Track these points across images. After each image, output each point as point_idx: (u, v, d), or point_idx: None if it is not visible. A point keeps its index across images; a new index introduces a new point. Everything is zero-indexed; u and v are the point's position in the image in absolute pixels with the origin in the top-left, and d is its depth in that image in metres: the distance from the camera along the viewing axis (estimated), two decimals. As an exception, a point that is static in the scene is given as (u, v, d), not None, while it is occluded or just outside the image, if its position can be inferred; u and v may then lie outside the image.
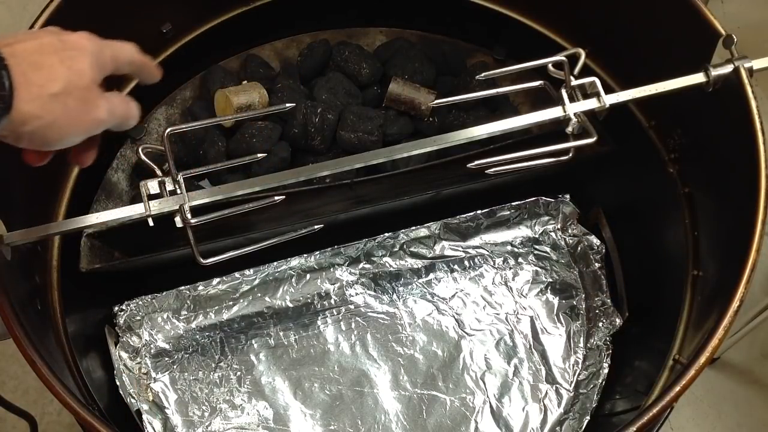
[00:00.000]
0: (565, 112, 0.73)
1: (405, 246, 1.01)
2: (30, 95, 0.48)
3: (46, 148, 0.53)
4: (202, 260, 0.66)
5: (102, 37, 0.56)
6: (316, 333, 0.97)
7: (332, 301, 0.99)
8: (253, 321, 0.97)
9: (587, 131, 0.72)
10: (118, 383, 0.88)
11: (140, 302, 0.94)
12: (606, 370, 0.94)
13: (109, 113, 0.54)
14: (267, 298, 0.98)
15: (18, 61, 0.48)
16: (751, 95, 0.74)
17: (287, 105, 0.72)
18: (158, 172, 0.68)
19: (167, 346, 0.95)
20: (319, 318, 0.98)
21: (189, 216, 0.67)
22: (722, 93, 0.76)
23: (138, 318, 0.95)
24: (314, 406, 0.92)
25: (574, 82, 0.73)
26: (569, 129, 0.73)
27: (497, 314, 0.99)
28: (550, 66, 0.74)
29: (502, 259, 1.03)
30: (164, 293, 0.96)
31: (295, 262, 0.99)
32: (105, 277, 0.91)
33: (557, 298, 1.00)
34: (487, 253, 1.03)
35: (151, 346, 0.94)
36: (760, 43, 0.94)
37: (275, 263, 0.98)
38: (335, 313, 0.98)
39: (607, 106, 0.73)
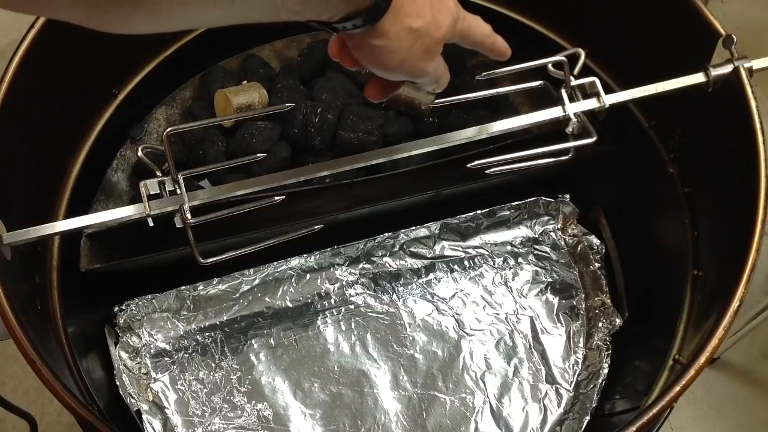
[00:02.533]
0: (565, 112, 0.73)
1: (405, 246, 1.01)
2: (396, 18, 0.50)
3: (370, 67, 0.55)
4: (202, 260, 0.66)
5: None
6: (316, 333, 0.97)
7: (332, 301, 0.99)
8: (253, 321, 0.97)
9: (587, 131, 0.72)
10: (118, 383, 0.88)
11: (140, 302, 0.95)
12: (606, 370, 0.94)
13: (434, 70, 0.57)
14: (267, 298, 0.98)
15: None
16: (751, 95, 0.74)
17: (287, 105, 0.72)
18: (158, 172, 0.68)
19: (167, 346, 0.95)
20: (319, 318, 0.98)
21: (189, 216, 0.66)
22: (722, 93, 0.76)
23: (138, 318, 0.95)
24: (314, 406, 0.92)
25: (574, 82, 0.73)
26: (569, 129, 0.73)
27: (497, 314, 0.99)
28: (550, 66, 0.74)
29: (502, 259, 1.03)
30: (164, 293, 0.96)
31: (295, 262, 0.99)
32: (105, 277, 0.91)
33: (557, 298, 1.00)
34: (487, 253, 1.03)
35: (151, 346, 0.94)
36: (760, 43, 0.94)
37: (275, 263, 0.98)
38: (335, 313, 0.98)
39: (607, 106, 0.73)
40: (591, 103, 0.73)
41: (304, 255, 0.99)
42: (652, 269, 0.96)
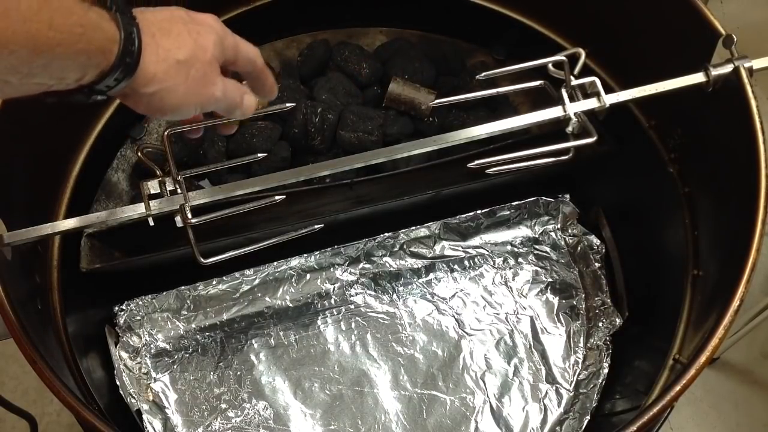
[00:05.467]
0: (565, 111, 0.73)
1: (405, 246, 1.01)
2: (157, 57, 0.49)
3: (160, 115, 0.54)
4: (202, 260, 0.66)
5: None
6: (316, 333, 0.97)
7: (332, 301, 0.99)
8: (253, 321, 0.97)
9: (587, 131, 0.72)
10: (118, 383, 0.88)
11: (140, 302, 0.95)
12: (606, 370, 0.94)
13: (223, 93, 0.55)
14: (267, 298, 0.98)
15: (148, 24, 0.49)
16: (751, 95, 0.74)
17: (287, 105, 0.72)
18: (158, 172, 0.68)
19: (167, 346, 0.95)
20: (319, 318, 0.98)
21: (189, 216, 0.67)
22: (722, 93, 0.76)
23: (138, 318, 0.95)
24: (314, 405, 0.92)
25: (574, 82, 0.73)
26: (569, 129, 0.73)
27: (497, 314, 0.99)
28: (550, 66, 0.74)
29: (502, 259, 1.03)
30: (164, 293, 0.96)
31: (295, 262, 0.99)
32: (105, 277, 0.91)
33: (557, 297, 1.00)
34: (487, 253, 1.03)
35: (151, 346, 0.94)
36: (760, 43, 0.94)
37: (275, 263, 0.98)
38: (335, 313, 0.98)
39: (607, 105, 0.73)
40: (591, 103, 0.73)
41: (304, 255, 0.99)
42: (652, 269, 0.96)
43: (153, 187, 0.67)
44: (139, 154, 0.72)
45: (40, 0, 0.40)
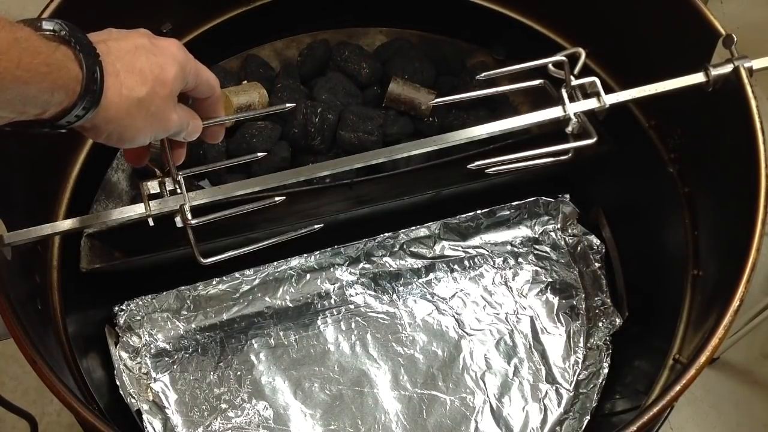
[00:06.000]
0: (565, 111, 0.72)
1: (405, 246, 1.01)
2: (120, 97, 0.50)
3: (119, 145, 0.55)
4: (202, 260, 0.66)
5: None
6: (316, 333, 0.97)
7: (332, 301, 0.99)
8: (253, 321, 0.97)
9: (587, 131, 0.72)
10: (118, 383, 0.88)
11: (140, 302, 0.95)
12: (606, 370, 0.94)
13: (178, 124, 0.57)
14: (267, 298, 0.98)
15: (112, 60, 0.50)
16: (751, 95, 0.74)
17: (287, 105, 0.72)
18: (158, 172, 0.68)
19: (167, 346, 0.95)
20: (319, 318, 0.98)
21: (189, 216, 0.66)
22: (722, 93, 0.76)
23: (138, 318, 0.95)
24: (314, 405, 0.92)
25: (574, 82, 0.73)
26: (569, 129, 0.73)
27: (497, 314, 0.99)
28: (550, 66, 0.74)
29: (502, 259, 1.03)
30: (164, 293, 0.96)
31: (295, 262, 0.99)
32: (105, 277, 0.91)
33: (557, 297, 1.00)
34: (487, 253, 1.03)
35: (151, 346, 0.94)
36: (760, 43, 0.94)
37: (275, 263, 0.98)
38: (335, 313, 0.98)
39: (607, 105, 0.73)
40: (591, 103, 0.73)
41: (304, 255, 0.99)
42: (652, 269, 0.96)
43: (153, 187, 0.67)
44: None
45: (9, 39, 0.41)
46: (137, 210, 0.67)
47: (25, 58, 0.42)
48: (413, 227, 1.01)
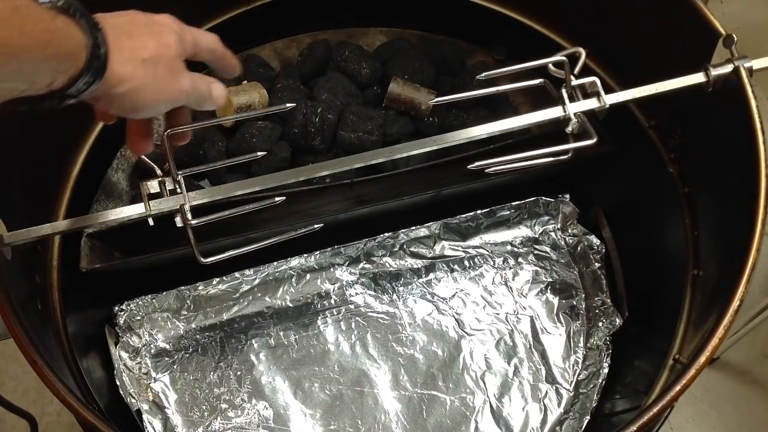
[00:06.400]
0: (565, 111, 0.73)
1: (405, 246, 1.01)
2: (123, 58, 0.50)
3: (132, 115, 0.55)
4: (202, 259, 0.66)
5: None
6: (316, 333, 0.97)
7: (332, 301, 0.99)
8: (253, 321, 0.97)
9: (587, 132, 0.72)
10: (118, 383, 0.88)
11: (140, 302, 0.95)
12: (606, 370, 0.94)
13: (192, 86, 0.57)
14: (267, 298, 0.98)
15: (111, 28, 0.50)
16: (751, 95, 0.74)
17: (287, 105, 0.72)
18: (158, 172, 0.68)
19: (167, 346, 0.95)
20: (319, 318, 0.98)
21: (189, 216, 0.66)
22: (722, 93, 0.76)
23: (138, 318, 0.95)
24: (314, 405, 0.92)
25: (575, 82, 0.73)
26: (569, 129, 0.73)
27: (497, 314, 0.99)
28: (550, 65, 0.74)
29: (502, 259, 1.03)
30: (164, 293, 0.96)
31: (295, 262, 0.99)
32: (105, 277, 0.91)
33: (557, 297, 1.00)
34: (487, 253, 1.03)
35: (151, 346, 0.94)
36: (760, 43, 0.94)
37: (275, 263, 0.98)
38: (335, 313, 0.98)
39: (607, 105, 0.73)
40: (591, 103, 0.73)
41: (304, 255, 0.99)
42: (652, 269, 0.96)
43: (153, 187, 0.67)
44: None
45: (10, 8, 0.42)
46: (137, 210, 0.67)
47: (27, 25, 0.43)
48: (413, 227, 1.01)
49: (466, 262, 1.02)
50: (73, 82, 0.48)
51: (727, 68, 0.74)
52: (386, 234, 1.00)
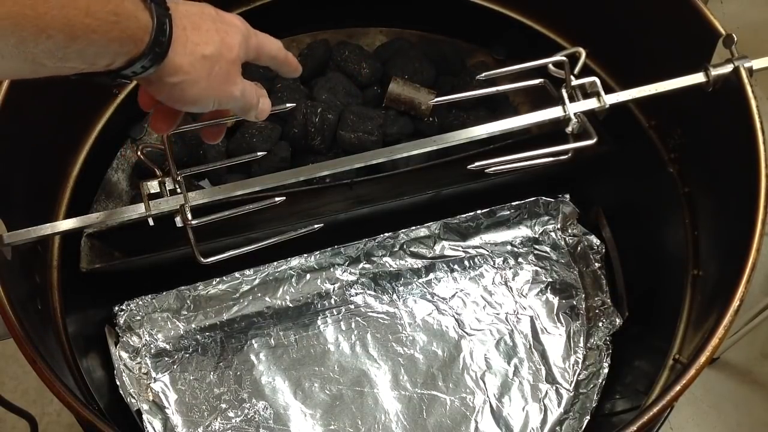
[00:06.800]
0: (565, 111, 0.73)
1: (405, 246, 1.01)
2: (185, 50, 0.50)
3: (178, 106, 0.54)
4: (202, 259, 0.66)
5: None
6: (316, 333, 0.97)
7: (332, 301, 0.99)
8: (253, 321, 0.97)
9: (587, 132, 0.72)
10: (118, 383, 0.88)
11: (140, 302, 0.95)
12: (606, 370, 0.94)
13: (242, 93, 0.57)
14: (267, 298, 0.98)
15: (180, 17, 0.50)
16: (751, 95, 0.74)
17: (287, 105, 0.73)
18: (158, 172, 0.68)
19: (167, 346, 0.95)
20: (319, 318, 0.98)
21: (189, 216, 0.67)
22: (722, 93, 0.76)
23: (138, 318, 0.95)
24: (314, 405, 0.92)
25: (575, 82, 0.73)
26: (569, 129, 0.73)
27: (497, 314, 0.99)
28: (550, 65, 0.74)
29: (502, 259, 1.03)
30: (164, 293, 0.96)
31: (295, 262, 0.99)
32: (105, 277, 0.91)
33: (557, 297, 1.00)
34: (487, 253, 1.03)
35: (151, 346, 0.94)
36: (760, 43, 0.94)
37: (275, 263, 0.98)
38: (335, 313, 0.98)
39: (608, 105, 0.73)
40: (591, 103, 0.73)
41: (304, 255, 0.99)
42: (652, 269, 0.96)
43: (153, 187, 0.67)
44: (139, 153, 0.72)
45: None
46: (137, 210, 0.67)
47: (93, 5, 0.42)
48: (413, 227, 1.01)
49: (466, 262, 1.02)
50: (131, 63, 0.47)
51: (727, 68, 0.74)
52: (386, 234, 1.00)
